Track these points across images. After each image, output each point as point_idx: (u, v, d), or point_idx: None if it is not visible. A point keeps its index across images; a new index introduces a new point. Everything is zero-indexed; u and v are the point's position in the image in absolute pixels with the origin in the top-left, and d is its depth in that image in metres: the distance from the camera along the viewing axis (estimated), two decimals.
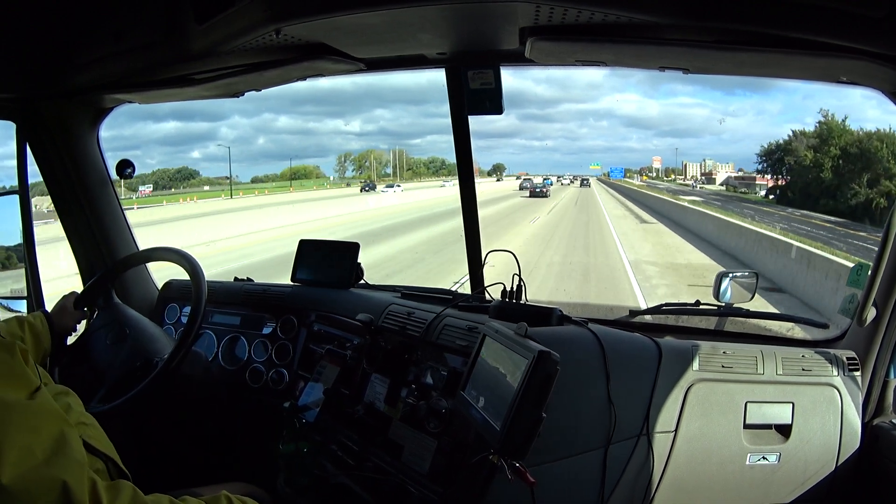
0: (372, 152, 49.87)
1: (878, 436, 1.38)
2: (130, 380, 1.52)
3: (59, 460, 0.69)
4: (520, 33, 1.30)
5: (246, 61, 1.48)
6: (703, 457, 1.36)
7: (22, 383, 0.73)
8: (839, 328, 1.52)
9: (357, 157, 48.71)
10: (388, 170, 49.24)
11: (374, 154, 49.52)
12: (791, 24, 1.02)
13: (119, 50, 1.47)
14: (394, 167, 49.69)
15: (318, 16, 1.19)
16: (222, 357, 1.89)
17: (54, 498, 0.68)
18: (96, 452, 0.96)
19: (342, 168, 48.11)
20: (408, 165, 51.69)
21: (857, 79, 1.23)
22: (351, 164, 48.22)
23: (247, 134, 57.45)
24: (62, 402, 0.97)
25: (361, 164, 48.27)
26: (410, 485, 1.21)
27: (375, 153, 49.97)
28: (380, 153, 50.41)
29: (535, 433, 0.95)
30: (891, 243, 1.30)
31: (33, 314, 1.53)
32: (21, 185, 1.88)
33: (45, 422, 0.72)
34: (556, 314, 1.39)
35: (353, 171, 47.80)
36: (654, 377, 1.37)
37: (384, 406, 1.36)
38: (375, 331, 1.49)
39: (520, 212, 22.18)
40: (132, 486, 0.79)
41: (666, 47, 1.19)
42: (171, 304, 2.03)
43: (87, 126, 1.90)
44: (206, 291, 1.59)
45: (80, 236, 1.98)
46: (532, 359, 0.96)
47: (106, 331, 1.66)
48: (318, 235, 2.02)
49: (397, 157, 49.75)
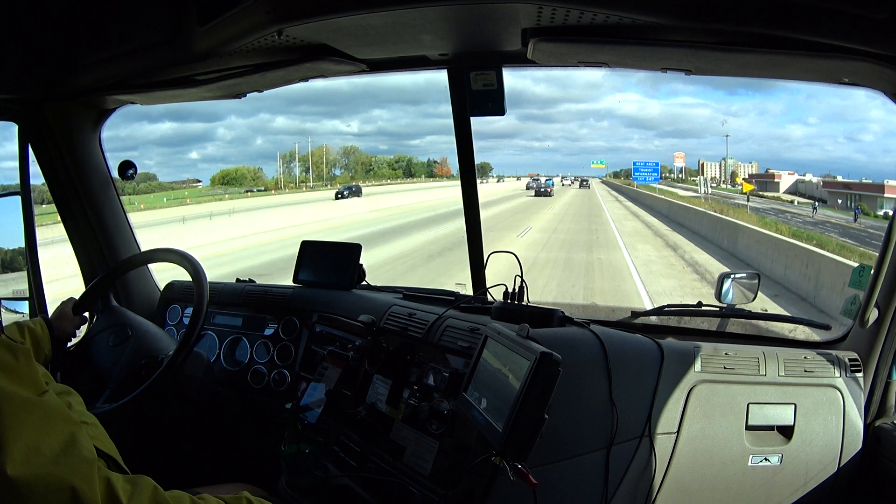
0: (324, 148, 44.72)
1: (881, 437, 1.38)
2: (136, 378, 1.52)
3: (67, 460, 0.69)
4: (522, 34, 1.30)
5: (248, 62, 1.49)
6: (705, 458, 1.36)
7: (29, 384, 0.73)
8: (841, 329, 1.51)
9: (305, 156, 43.00)
10: (338, 171, 43.63)
11: (325, 150, 43.83)
12: (793, 26, 1.02)
13: (122, 51, 1.48)
14: (350, 167, 43.17)
15: (320, 17, 1.20)
16: (224, 358, 1.89)
17: (63, 498, 0.67)
18: (98, 452, 0.96)
19: (288, 168, 42.43)
20: (367, 165, 46.01)
21: (858, 80, 1.23)
22: (299, 164, 42.51)
23: (244, 134, 56.56)
24: (64, 402, 0.97)
25: (313, 163, 42.56)
26: (412, 486, 1.21)
27: (328, 150, 44.34)
28: (328, 149, 44.82)
29: (537, 434, 0.95)
30: (892, 245, 1.30)
31: (33, 320, 1.53)
32: (23, 186, 1.88)
33: (54, 421, 0.72)
34: (558, 315, 1.39)
35: (301, 171, 42.61)
36: (655, 378, 1.37)
37: (386, 407, 1.36)
38: (377, 332, 1.49)
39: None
40: (153, 481, 0.79)
41: (668, 49, 1.20)
42: (173, 305, 2.03)
43: (90, 127, 1.91)
44: (208, 292, 1.59)
45: (82, 237, 1.98)
46: (534, 360, 0.96)
47: (108, 333, 1.66)
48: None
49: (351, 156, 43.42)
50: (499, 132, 73.34)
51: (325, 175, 42.60)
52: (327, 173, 43.02)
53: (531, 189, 32.79)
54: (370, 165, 47.54)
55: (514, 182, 42.71)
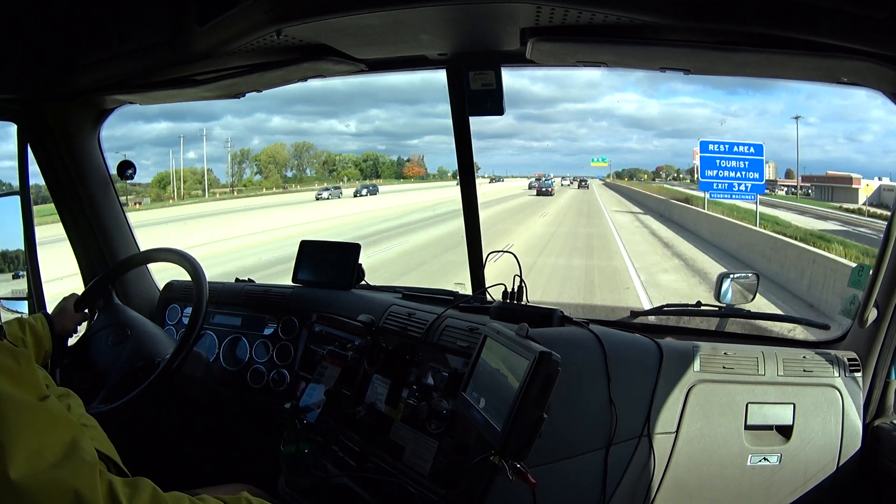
0: (279, 146, 38.80)
1: (879, 437, 1.38)
2: (132, 380, 1.53)
3: (69, 464, 0.69)
4: (521, 34, 1.30)
5: (247, 62, 1.49)
6: (705, 458, 1.36)
7: (31, 388, 0.73)
8: (840, 329, 1.52)
9: (257, 156, 36.79)
10: (290, 172, 37.86)
11: (279, 148, 37.83)
12: (792, 25, 1.02)
13: (122, 51, 1.48)
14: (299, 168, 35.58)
15: (319, 17, 1.20)
16: (223, 358, 1.89)
17: (66, 502, 0.67)
18: (98, 454, 0.96)
19: (239, 170, 36.33)
20: (331, 165, 39.58)
21: (857, 79, 1.23)
22: (252, 165, 36.48)
23: (241, 134, 55.45)
24: (64, 404, 0.97)
25: (265, 163, 36.36)
26: (411, 486, 1.21)
27: (280, 147, 38.16)
28: (281, 147, 38.95)
29: (536, 434, 0.95)
30: (892, 244, 1.30)
31: (34, 316, 1.53)
32: (22, 185, 1.88)
33: (56, 425, 0.72)
34: (557, 315, 1.39)
35: (253, 173, 36.36)
36: (655, 378, 1.37)
37: (385, 407, 1.36)
38: (376, 332, 1.49)
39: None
40: (152, 483, 0.79)
41: (667, 48, 1.20)
42: (173, 304, 2.03)
43: (89, 127, 1.91)
44: (207, 292, 1.59)
45: (82, 237, 1.98)
46: (533, 360, 0.96)
47: (107, 332, 1.66)
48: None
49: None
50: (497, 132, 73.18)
51: (278, 175, 36.85)
52: (280, 174, 37.27)
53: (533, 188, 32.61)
54: (333, 165, 40.44)
55: (512, 182, 40.67)
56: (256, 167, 36.52)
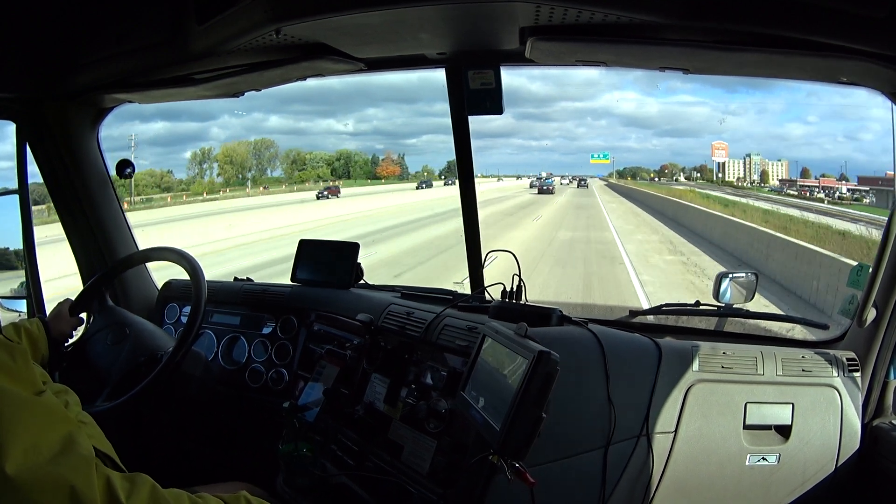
0: (239, 144, 35.00)
1: (878, 437, 1.38)
2: (136, 376, 1.52)
3: (66, 459, 0.69)
4: (520, 33, 1.30)
5: (246, 61, 1.49)
6: (703, 457, 1.36)
7: (27, 384, 0.73)
8: (839, 329, 1.52)
9: (219, 155, 32.62)
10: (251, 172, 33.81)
11: (238, 146, 34.00)
12: (791, 25, 1.02)
13: (121, 51, 1.48)
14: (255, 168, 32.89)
15: (318, 16, 1.20)
16: (222, 357, 1.89)
17: (62, 497, 0.67)
18: (95, 451, 0.96)
19: (200, 170, 32.53)
20: (301, 164, 35.86)
21: (857, 79, 1.23)
22: (213, 164, 32.36)
23: (238, 134, 54.63)
24: (61, 401, 0.97)
25: (227, 162, 32.54)
26: (410, 485, 1.21)
27: (238, 146, 34.23)
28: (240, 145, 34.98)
29: (535, 433, 0.95)
30: (891, 244, 1.31)
31: (30, 320, 1.52)
32: (21, 185, 1.88)
33: (52, 420, 0.71)
34: (556, 314, 1.39)
35: (217, 173, 32.58)
36: (653, 377, 1.37)
37: (384, 406, 1.36)
38: (375, 331, 1.49)
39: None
40: (151, 479, 0.79)
41: (666, 47, 1.20)
42: (171, 303, 2.03)
43: (88, 126, 1.91)
44: (206, 291, 1.59)
45: (81, 236, 1.98)
46: (532, 359, 0.96)
47: (105, 332, 1.66)
48: None
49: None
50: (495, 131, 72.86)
51: (237, 177, 33.31)
52: (242, 175, 33.55)
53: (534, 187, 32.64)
54: (303, 164, 36.32)
55: (509, 182, 39.63)
56: (218, 167, 33.26)
